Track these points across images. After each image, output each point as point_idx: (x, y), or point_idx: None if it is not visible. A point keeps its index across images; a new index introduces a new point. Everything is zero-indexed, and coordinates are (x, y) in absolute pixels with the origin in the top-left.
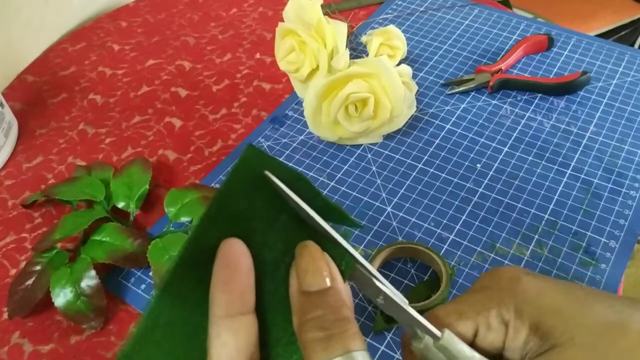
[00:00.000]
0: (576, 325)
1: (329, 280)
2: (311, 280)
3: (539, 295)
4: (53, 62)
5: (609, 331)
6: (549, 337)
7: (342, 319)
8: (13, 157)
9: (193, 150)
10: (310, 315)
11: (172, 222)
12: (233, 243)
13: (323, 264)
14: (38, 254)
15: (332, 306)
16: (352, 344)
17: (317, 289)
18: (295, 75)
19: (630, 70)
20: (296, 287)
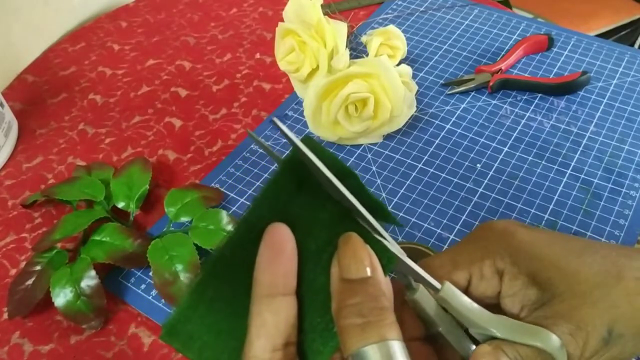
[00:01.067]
0: (573, 276)
1: (370, 270)
2: (353, 268)
3: (534, 247)
4: (53, 62)
5: (605, 280)
6: (548, 288)
7: (380, 308)
8: (13, 157)
9: (193, 150)
10: (350, 301)
11: (172, 222)
12: (279, 227)
13: (365, 254)
14: (38, 254)
15: (371, 295)
16: (388, 333)
17: (357, 277)
18: (295, 75)
19: (630, 70)
20: (337, 274)
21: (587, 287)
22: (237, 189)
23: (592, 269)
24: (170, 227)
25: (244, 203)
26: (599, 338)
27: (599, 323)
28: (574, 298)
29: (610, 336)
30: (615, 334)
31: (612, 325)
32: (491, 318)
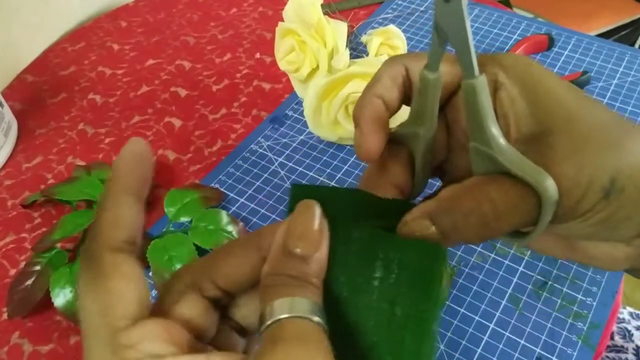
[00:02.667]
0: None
1: (314, 250)
2: (300, 244)
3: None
4: (53, 62)
5: (612, 126)
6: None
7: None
8: (13, 157)
9: (193, 150)
10: (283, 272)
11: (171, 222)
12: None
13: (317, 233)
14: (38, 254)
15: (305, 272)
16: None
17: (301, 254)
18: (295, 75)
19: (630, 70)
20: (282, 240)
21: (591, 128)
22: (237, 189)
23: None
24: (170, 227)
25: (243, 203)
26: (599, 188)
27: (601, 170)
28: (575, 138)
29: (611, 187)
30: (617, 187)
31: (615, 175)
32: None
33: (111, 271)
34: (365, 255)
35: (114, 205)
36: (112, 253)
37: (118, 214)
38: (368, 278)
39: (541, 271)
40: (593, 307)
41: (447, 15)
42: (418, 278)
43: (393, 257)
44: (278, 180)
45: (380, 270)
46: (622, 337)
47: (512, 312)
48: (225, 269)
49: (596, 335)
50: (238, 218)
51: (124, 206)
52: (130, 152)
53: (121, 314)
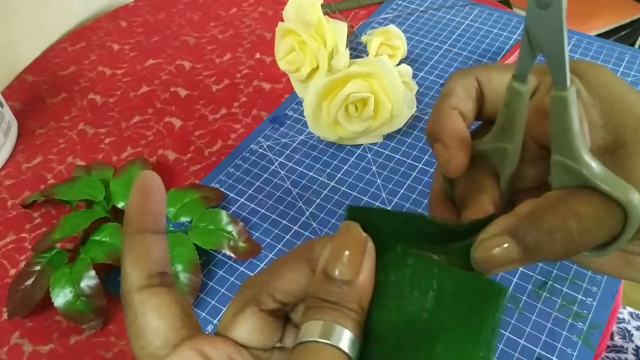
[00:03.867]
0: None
1: (353, 275)
2: (339, 268)
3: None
4: (53, 62)
5: None
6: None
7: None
8: (12, 157)
9: (193, 150)
10: (321, 295)
11: (172, 222)
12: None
13: (357, 255)
14: (38, 254)
15: (345, 298)
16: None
17: (339, 278)
18: (295, 75)
19: (630, 70)
20: (324, 264)
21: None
22: (237, 189)
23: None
24: (170, 227)
25: (243, 203)
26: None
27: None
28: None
29: None
30: None
31: None
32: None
33: (141, 309)
34: (419, 283)
35: (131, 246)
36: (139, 292)
37: (137, 254)
38: (418, 309)
39: (541, 271)
40: (593, 307)
41: (542, 22)
42: (468, 315)
43: (447, 290)
44: (278, 180)
45: (432, 302)
46: (622, 337)
47: (512, 312)
48: (281, 284)
49: (596, 335)
50: (238, 218)
51: (140, 246)
52: (138, 188)
53: (160, 345)
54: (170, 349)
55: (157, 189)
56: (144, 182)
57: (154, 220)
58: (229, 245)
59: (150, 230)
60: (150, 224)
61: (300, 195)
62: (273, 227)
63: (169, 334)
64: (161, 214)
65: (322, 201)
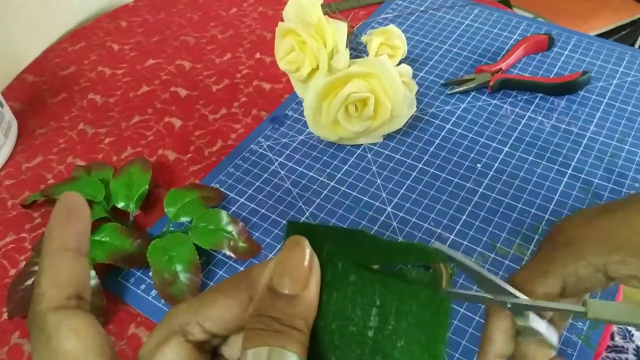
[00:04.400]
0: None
1: (301, 289)
2: (286, 283)
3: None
4: (53, 61)
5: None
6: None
7: (292, 327)
8: (12, 157)
9: (193, 150)
10: (266, 313)
11: (172, 222)
12: (72, 193)
13: (306, 270)
14: (38, 254)
15: (291, 314)
16: (288, 344)
17: (287, 292)
18: (295, 75)
19: (630, 70)
20: (268, 279)
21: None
22: (237, 189)
23: None
24: (170, 227)
25: (244, 203)
26: None
27: None
28: None
29: None
30: None
31: None
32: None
33: (56, 331)
34: (361, 300)
35: (51, 264)
36: (55, 312)
37: (57, 272)
38: (362, 328)
39: None
40: None
41: None
42: (418, 330)
43: (391, 305)
44: (278, 180)
45: (376, 320)
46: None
47: None
48: (213, 311)
49: (596, 335)
50: (238, 218)
51: (62, 264)
52: (62, 207)
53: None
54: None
55: (83, 209)
56: (69, 201)
57: (78, 240)
58: (229, 245)
59: (74, 249)
60: (74, 243)
61: (300, 195)
62: (273, 227)
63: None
64: (86, 234)
65: (322, 201)
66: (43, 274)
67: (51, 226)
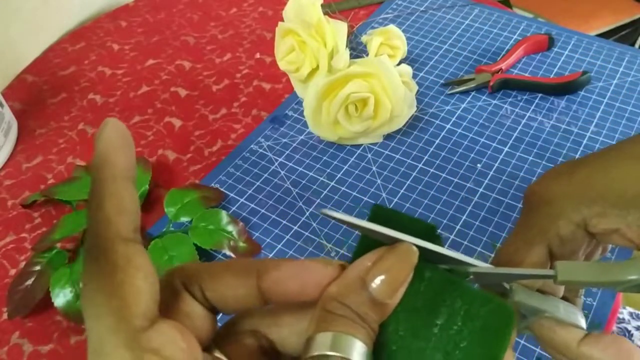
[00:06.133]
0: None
1: (391, 298)
2: (383, 289)
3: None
4: (53, 62)
5: None
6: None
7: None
8: (13, 157)
9: (193, 150)
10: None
11: (172, 222)
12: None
13: (404, 283)
14: (38, 254)
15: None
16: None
17: (378, 299)
18: (295, 75)
19: (630, 70)
20: (364, 272)
21: None
22: (237, 189)
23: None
24: (170, 227)
25: (243, 203)
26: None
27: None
28: None
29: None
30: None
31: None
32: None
33: (126, 265)
34: (432, 297)
35: (116, 190)
36: (125, 244)
37: (123, 200)
38: (428, 323)
39: None
40: (593, 307)
41: None
42: (482, 335)
43: (460, 307)
44: (278, 180)
45: (444, 318)
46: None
47: None
48: (218, 283)
49: None
50: (238, 218)
51: (126, 192)
52: (115, 133)
53: (141, 313)
54: (148, 322)
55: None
56: (120, 128)
57: (134, 169)
58: (229, 245)
59: (132, 178)
60: (134, 172)
61: (300, 195)
62: (273, 227)
63: (150, 304)
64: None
65: (322, 201)
66: (106, 200)
67: (107, 150)
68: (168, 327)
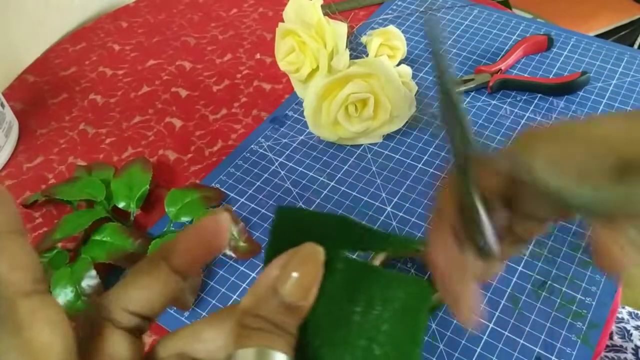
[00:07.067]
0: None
1: (305, 300)
2: (294, 293)
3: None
4: (54, 62)
5: None
6: None
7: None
8: (14, 157)
9: (193, 150)
10: (266, 316)
11: (172, 222)
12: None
13: (315, 284)
14: (39, 253)
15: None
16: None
17: (291, 303)
18: (295, 75)
19: (629, 70)
20: (273, 280)
21: None
22: (237, 189)
23: None
24: (170, 227)
25: (244, 203)
26: None
27: None
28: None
29: None
30: None
31: None
32: None
33: (32, 321)
34: (348, 287)
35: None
36: (28, 298)
37: (13, 255)
38: (348, 312)
39: (540, 271)
40: (592, 307)
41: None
42: (402, 315)
43: (377, 292)
44: (278, 180)
45: (362, 305)
46: (621, 337)
47: (512, 312)
48: (135, 293)
49: (595, 335)
50: (239, 218)
51: (14, 245)
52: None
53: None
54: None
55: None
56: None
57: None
58: (230, 245)
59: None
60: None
61: (300, 195)
62: None
63: (62, 355)
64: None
65: (322, 201)
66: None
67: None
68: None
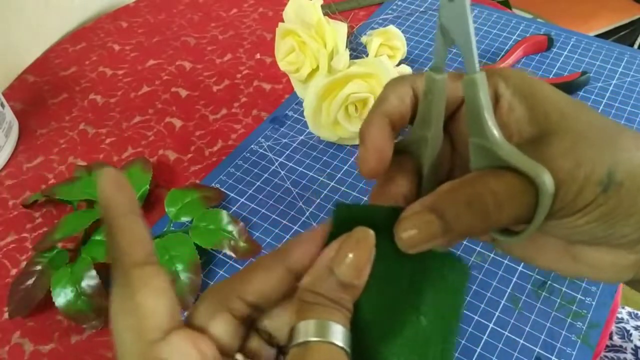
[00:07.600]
0: (573, 116)
1: (358, 279)
2: (347, 273)
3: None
4: (54, 62)
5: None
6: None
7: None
8: (14, 157)
9: (193, 150)
10: (322, 292)
11: (172, 222)
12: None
13: (367, 264)
14: (39, 253)
15: (344, 298)
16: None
17: (347, 282)
18: (295, 75)
19: (629, 70)
20: (328, 259)
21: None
22: (237, 189)
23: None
24: (170, 227)
25: (244, 203)
26: (597, 181)
27: (598, 163)
28: (572, 136)
29: (609, 181)
30: (615, 180)
31: (613, 168)
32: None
33: (141, 286)
34: (396, 268)
35: (127, 225)
36: (140, 268)
37: (134, 232)
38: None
39: (540, 271)
40: (592, 307)
41: (451, 14)
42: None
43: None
44: (278, 180)
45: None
46: (621, 337)
47: (512, 312)
48: (253, 285)
49: (595, 335)
50: (238, 218)
51: (135, 224)
52: (108, 180)
53: (153, 327)
54: (161, 334)
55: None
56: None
57: (137, 206)
58: (230, 245)
59: (137, 214)
60: (136, 207)
61: (300, 195)
62: (273, 227)
63: (164, 318)
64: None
65: (322, 201)
66: (120, 234)
67: (107, 195)
68: (179, 338)
